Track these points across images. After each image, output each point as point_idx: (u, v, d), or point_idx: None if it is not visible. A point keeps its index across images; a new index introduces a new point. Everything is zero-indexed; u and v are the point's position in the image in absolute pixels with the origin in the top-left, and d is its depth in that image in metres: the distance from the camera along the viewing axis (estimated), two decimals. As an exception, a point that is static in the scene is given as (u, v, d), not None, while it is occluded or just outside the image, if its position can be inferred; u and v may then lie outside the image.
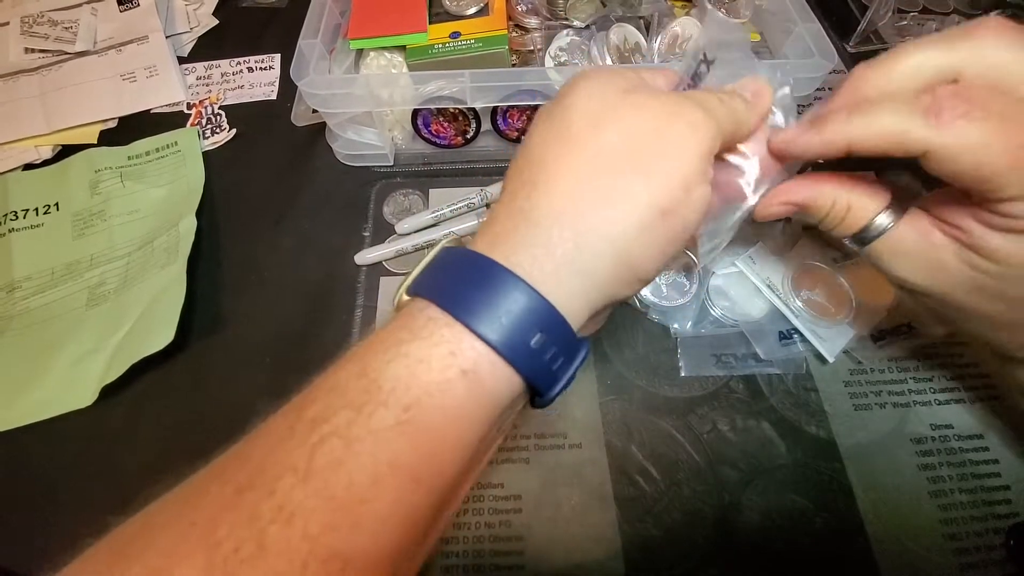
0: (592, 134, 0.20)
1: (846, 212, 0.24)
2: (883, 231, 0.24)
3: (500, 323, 0.18)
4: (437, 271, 0.20)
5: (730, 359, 0.36)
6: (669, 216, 0.19)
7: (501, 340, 0.18)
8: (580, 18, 0.44)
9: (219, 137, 0.47)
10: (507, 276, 0.18)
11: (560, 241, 0.19)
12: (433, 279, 0.20)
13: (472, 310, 0.18)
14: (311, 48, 0.39)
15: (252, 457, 0.18)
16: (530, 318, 0.18)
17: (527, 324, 0.18)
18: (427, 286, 0.19)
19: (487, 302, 0.18)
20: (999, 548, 0.30)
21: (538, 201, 0.19)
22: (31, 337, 0.37)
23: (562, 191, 0.19)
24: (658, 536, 0.30)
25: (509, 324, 0.18)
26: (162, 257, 0.39)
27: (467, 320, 0.18)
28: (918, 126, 0.20)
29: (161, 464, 0.33)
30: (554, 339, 0.19)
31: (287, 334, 0.37)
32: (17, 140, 0.46)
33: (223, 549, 0.15)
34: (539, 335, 0.18)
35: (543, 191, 0.19)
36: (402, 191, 0.43)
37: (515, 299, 0.18)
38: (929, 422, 0.33)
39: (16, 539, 0.31)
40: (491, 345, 0.18)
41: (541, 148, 0.21)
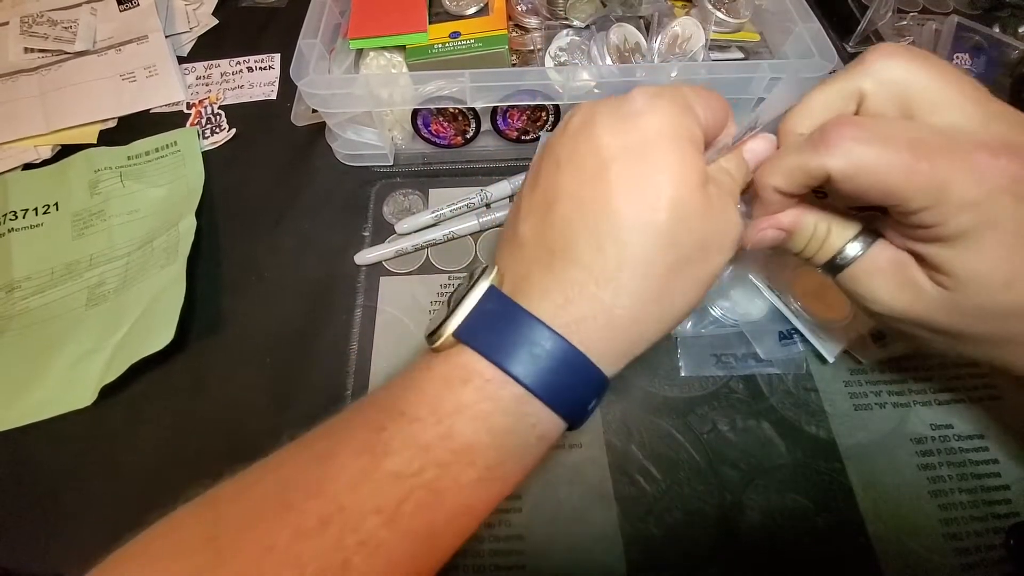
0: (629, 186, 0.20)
1: (825, 237, 0.24)
2: (858, 255, 0.24)
3: (574, 400, 0.20)
4: (495, 326, 0.20)
5: (730, 359, 0.36)
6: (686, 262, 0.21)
7: (573, 414, 0.21)
8: (580, 18, 0.44)
9: (219, 137, 0.47)
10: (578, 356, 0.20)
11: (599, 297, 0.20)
12: (495, 338, 0.20)
13: (548, 386, 0.20)
14: (311, 48, 0.39)
15: (326, 492, 0.19)
16: (591, 390, 0.21)
17: (589, 396, 0.21)
18: (489, 344, 0.20)
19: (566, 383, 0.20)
20: (999, 548, 0.30)
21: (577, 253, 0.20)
22: (31, 337, 0.37)
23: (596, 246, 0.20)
24: (659, 536, 0.30)
25: (575, 397, 0.20)
26: (162, 257, 0.39)
27: (546, 398, 0.20)
28: (811, 156, 0.21)
29: (161, 464, 0.33)
30: (598, 392, 0.21)
31: (287, 334, 0.37)
32: (16, 140, 0.46)
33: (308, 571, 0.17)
34: (594, 401, 0.21)
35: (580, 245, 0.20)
36: (402, 191, 0.43)
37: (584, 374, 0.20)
38: (929, 422, 0.33)
39: (16, 539, 0.31)
40: (566, 419, 0.20)
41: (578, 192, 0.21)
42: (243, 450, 0.34)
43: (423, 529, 0.19)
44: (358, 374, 0.36)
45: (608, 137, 0.21)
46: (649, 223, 0.19)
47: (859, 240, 0.24)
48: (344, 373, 0.36)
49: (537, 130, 0.43)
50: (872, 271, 0.24)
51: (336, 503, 0.18)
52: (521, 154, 0.44)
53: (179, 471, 0.33)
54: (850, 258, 0.24)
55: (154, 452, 0.34)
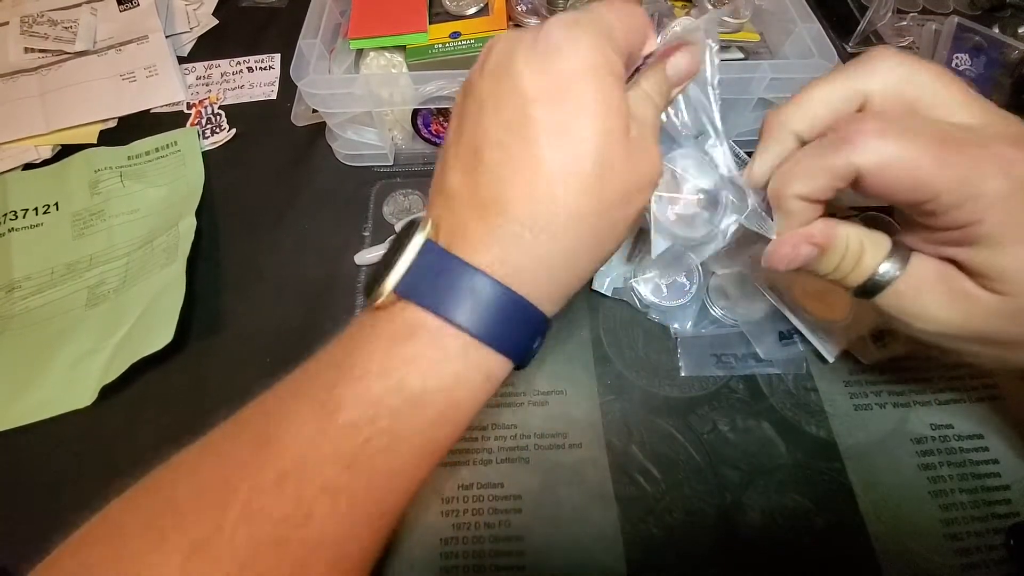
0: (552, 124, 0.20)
1: (859, 255, 0.23)
2: (899, 273, 0.22)
3: (518, 341, 0.21)
4: (436, 280, 0.20)
5: (730, 359, 0.36)
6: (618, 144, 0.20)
7: (517, 354, 0.21)
8: (580, 18, 0.44)
9: (219, 137, 0.47)
10: (513, 296, 0.20)
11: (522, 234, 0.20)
12: (438, 292, 0.20)
13: (494, 334, 0.20)
14: (311, 48, 0.39)
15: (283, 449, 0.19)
16: (534, 330, 0.21)
17: (533, 336, 0.21)
18: (432, 298, 0.20)
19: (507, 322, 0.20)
20: (999, 548, 0.30)
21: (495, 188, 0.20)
22: (31, 337, 0.37)
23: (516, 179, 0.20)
24: (659, 536, 0.30)
25: (521, 336, 0.21)
26: (162, 257, 0.39)
27: (493, 344, 0.20)
28: (835, 155, 0.21)
29: (161, 464, 0.33)
30: (543, 334, 0.22)
31: (287, 334, 0.37)
32: (16, 140, 0.46)
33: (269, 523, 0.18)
34: (539, 339, 0.22)
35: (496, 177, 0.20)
36: (402, 191, 0.43)
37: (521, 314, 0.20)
38: (929, 422, 0.33)
39: (16, 539, 0.31)
40: (509, 358, 0.21)
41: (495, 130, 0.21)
42: (243, 450, 0.34)
43: (383, 471, 0.19)
44: (358, 374, 0.35)
45: (528, 77, 0.20)
46: (575, 173, 0.19)
47: (895, 257, 0.22)
48: (344, 373, 0.36)
49: (537, 130, 0.43)
50: (919, 287, 0.22)
51: (293, 458, 0.19)
52: (521, 154, 0.44)
53: (179, 471, 0.33)
54: (890, 276, 0.22)
55: (154, 452, 0.33)
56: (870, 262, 0.23)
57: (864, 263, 0.23)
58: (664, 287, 0.37)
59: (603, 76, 0.20)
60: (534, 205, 0.20)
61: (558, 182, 0.19)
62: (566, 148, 0.19)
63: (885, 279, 0.22)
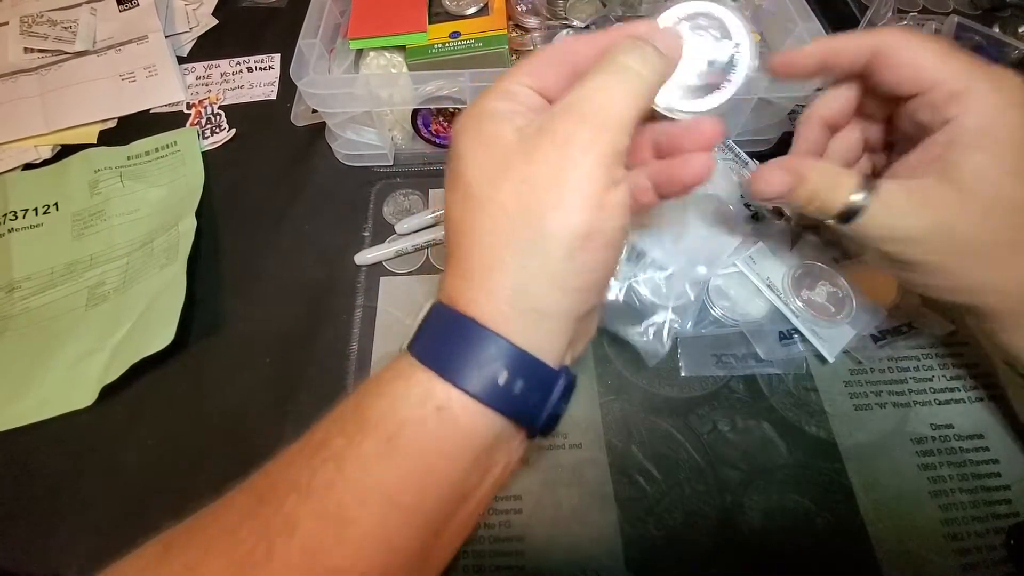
0: (492, 193, 0.20)
1: (835, 186, 0.26)
2: (872, 192, 0.25)
3: (466, 365, 0.20)
4: (422, 326, 0.22)
5: (730, 359, 0.36)
6: (591, 237, 0.20)
7: (468, 381, 0.19)
8: (580, 18, 0.44)
9: (219, 137, 0.47)
10: (468, 324, 0.20)
11: (500, 289, 0.20)
12: (418, 332, 0.22)
13: (439, 356, 0.20)
14: (311, 48, 0.39)
15: (271, 472, 0.20)
16: (493, 358, 0.20)
17: (491, 363, 0.20)
18: (413, 339, 0.22)
19: (454, 348, 0.20)
20: (1000, 548, 0.30)
21: (466, 260, 0.21)
22: (31, 337, 0.37)
23: (481, 251, 0.20)
24: (659, 536, 0.30)
25: (475, 365, 0.20)
26: (162, 257, 0.39)
27: (435, 366, 0.20)
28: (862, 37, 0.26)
29: (161, 464, 0.33)
30: (522, 373, 0.20)
31: (287, 334, 0.37)
32: (16, 140, 0.46)
33: (239, 552, 0.18)
34: (505, 373, 0.20)
35: (467, 251, 0.21)
36: (402, 191, 0.43)
37: (478, 343, 0.20)
38: (929, 422, 0.33)
39: (16, 539, 0.31)
40: (458, 386, 0.19)
41: (452, 209, 0.22)
42: (243, 450, 0.34)
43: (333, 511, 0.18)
44: (358, 374, 0.36)
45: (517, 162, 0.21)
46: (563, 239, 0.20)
47: (866, 184, 0.25)
48: (344, 373, 0.36)
49: (537, 130, 0.43)
50: (889, 204, 0.25)
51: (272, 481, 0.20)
52: (521, 154, 0.44)
53: (179, 471, 0.33)
54: (863, 200, 0.25)
55: (154, 452, 0.34)
56: (844, 191, 0.26)
57: (838, 193, 0.26)
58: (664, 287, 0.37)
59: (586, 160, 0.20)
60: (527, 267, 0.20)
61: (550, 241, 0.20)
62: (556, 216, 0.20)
63: (859, 203, 0.25)
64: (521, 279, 0.20)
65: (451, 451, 0.20)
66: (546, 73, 0.23)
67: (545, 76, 0.23)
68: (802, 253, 0.37)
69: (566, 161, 0.20)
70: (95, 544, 0.31)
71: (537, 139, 0.20)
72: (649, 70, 0.22)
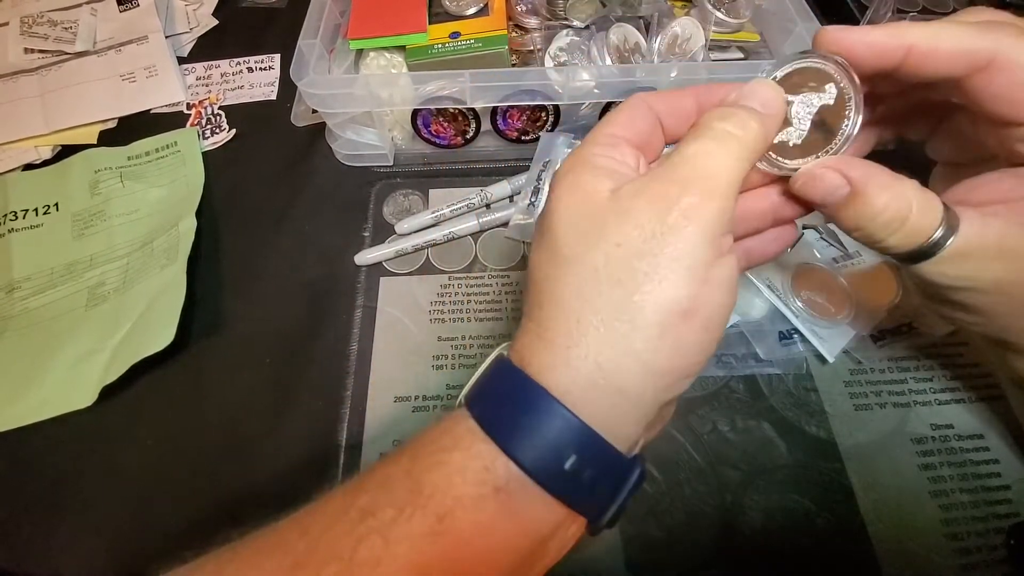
0: (582, 252, 0.18)
1: (906, 215, 0.20)
2: (955, 232, 0.20)
3: (532, 443, 0.18)
4: (484, 381, 0.20)
5: (730, 359, 0.36)
6: (690, 315, 0.18)
7: (532, 461, 0.17)
8: (580, 18, 0.44)
9: (219, 137, 0.47)
10: (541, 395, 0.18)
11: (580, 361, 0.18)
12: (479, 389, 0.20)
13: (505, 428, 0.18)
14: (311, 48, 0.39)
15: (310, 531, 0.18)
16: (563, 439, 0.18)
17: (559, 445, 0.18)
18: (473, 395, 0.20)
19: (520, 421, 0.18)
20: (1000, 548, 0.30)
21: (548, 322, 0.19)
22: (31, 337, 0.37)
23: (566, 316, 0.18)
24: (659, 536, 0.30)
25: (542, 445, 0.18)
26: (162, 257, 0.39)
27: (499, 438, 0.18)
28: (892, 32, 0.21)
29: (161, 464, 0.33)
30: (592, 461, 0.18)
31: (287, 334, 0.37)
32: (17, 140, 0.46)
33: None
34: (574, 457, 0.18)
35: (549, 313, 0.19)
36: (402, 191, 0.43)
37: (548, 420, 0.18)
38: (929, 422, 0.33)
39: (16, 539, 0.31)
40: (521, 466, 0.18)
41: (538, 267, 0.20)
42: (243, 450, 0.34)
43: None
44: (358, 374, 0.36)
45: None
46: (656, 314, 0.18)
47: (948, 218, 0.20)
48: (344, 373, 0.36)
49: (537, 130, 0.43)
50: (971, 248, 0.20)
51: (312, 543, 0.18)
52: (521, 154, 0.44)
53: (179, 471, 0.33)
54: (943, 241, 0.20)
55: (154, 452, 0.34)
56: (921, 224, 0.20)
57: (912, 225, 0.20)
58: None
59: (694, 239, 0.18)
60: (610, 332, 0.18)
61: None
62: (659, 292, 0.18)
63: (938, 245, 0.20)
64: (606, 353, 0.18)
65: (504, 540, 0.18)
66: (640, 127, 0.21)
67: (640, 129, 0.21)
68: (802, 253, 0.37)
69: (665, 227, 0.18)
70: (95, 544, 0.31)
71: (633, 200, 0.18)
72: (750, 134, 0.19)
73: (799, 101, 0.21)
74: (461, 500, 0.17)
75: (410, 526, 0.17)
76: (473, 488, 0.17)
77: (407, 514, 0.17)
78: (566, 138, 0.42)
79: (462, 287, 0.39)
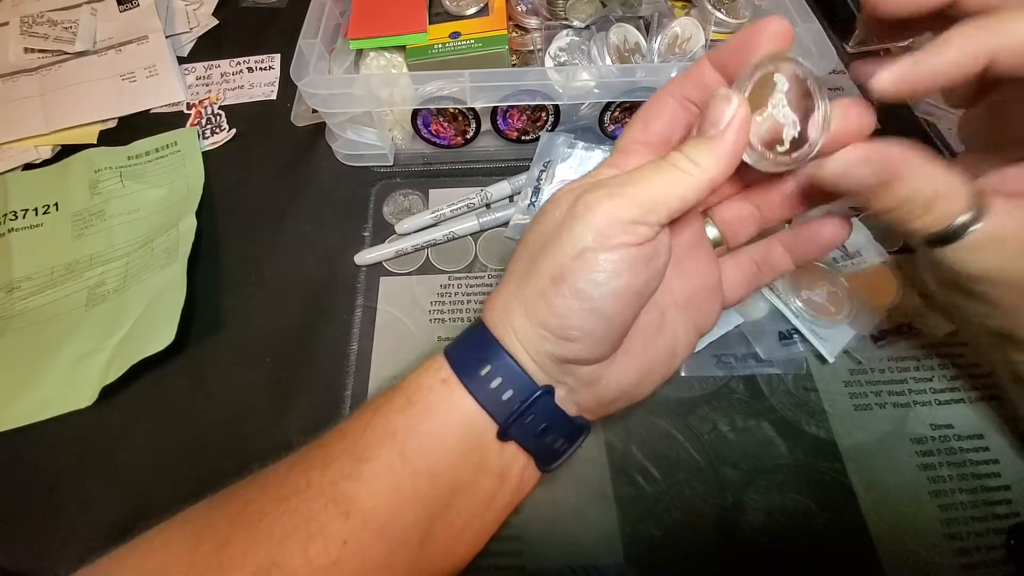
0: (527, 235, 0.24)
1: (934, 197, 0.20)
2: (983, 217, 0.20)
3: (465, 351, 0.23)
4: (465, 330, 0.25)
5: (730, 359, 0.36)
6: (560, 280, 0.21)
7: (457, 362, 0.23)
8: (580, 18, 0.44)
9: (219, 137, 0.47)
10: (480, 324, 0.24)
11: (497, 299, 0.23)
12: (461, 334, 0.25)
13: (455, 346, 0.24)
14: (311, 48, 0.39)
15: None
16: (483, 350, 0.23)
17: (479, 354, 0.23)
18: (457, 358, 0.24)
19: (464, 341, 0.24)
20: (999, 548, 0.30)
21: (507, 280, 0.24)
22: (31, 337, 0.37)
23: (506, 277, 0.24)
24: (659, 536, 0.30)
25: (469, 353, 0.23)
26: (162, 257, 0.39)
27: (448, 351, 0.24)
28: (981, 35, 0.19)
29: (161, 464, 0.33)
30: (500, 369, 0.22)
31: (287, 334, 0.37)
32: (17, 140, 0.46)
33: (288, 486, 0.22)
34: (488, 366, 0.22)
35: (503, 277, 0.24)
36: (402, 191, 0.43)
37: (478, 336, 0.23)
38: (929, 422, 0.33)
39: (16, 539, 0.31)
40: (452, 366, 0.23)
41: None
42: (243, 450, 0.34)
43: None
44: (358, 374, 0.36)
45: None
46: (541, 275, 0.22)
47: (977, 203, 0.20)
48: (344, 373, 0.36)
49: (537, 130, 0.43)
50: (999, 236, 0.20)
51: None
52: (521, 154, 0.44)
53: (179, 471, 0.33)
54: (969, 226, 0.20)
55: (154, 452, 0.34)
56: (947, 208, 0.20)
57: (938, 208, 0.20)
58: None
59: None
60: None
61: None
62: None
63: (964, 228, 0.20)
64: (507, 298, 0.23)
65: (446, 420, 0.22)
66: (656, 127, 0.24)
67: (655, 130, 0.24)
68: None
69: (566, 214, 0.21)
70: (95, 544, 0.30)
71: (566, 194, 0.22)
72: (696, 171, 0.20)
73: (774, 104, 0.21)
74: (421, 387, 0.23)
75: (390, 405, 0.23)
76: (428, 379, 0.23)
77: (389, 397, 0.23)
78: (566, 138, 0.42)
79: (462, 287, 0.39)
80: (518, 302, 0.22)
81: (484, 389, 0.22)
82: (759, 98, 0.21)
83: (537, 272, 0.22)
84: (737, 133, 0.20)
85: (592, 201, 0.21)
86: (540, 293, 0.21)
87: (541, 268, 0.21)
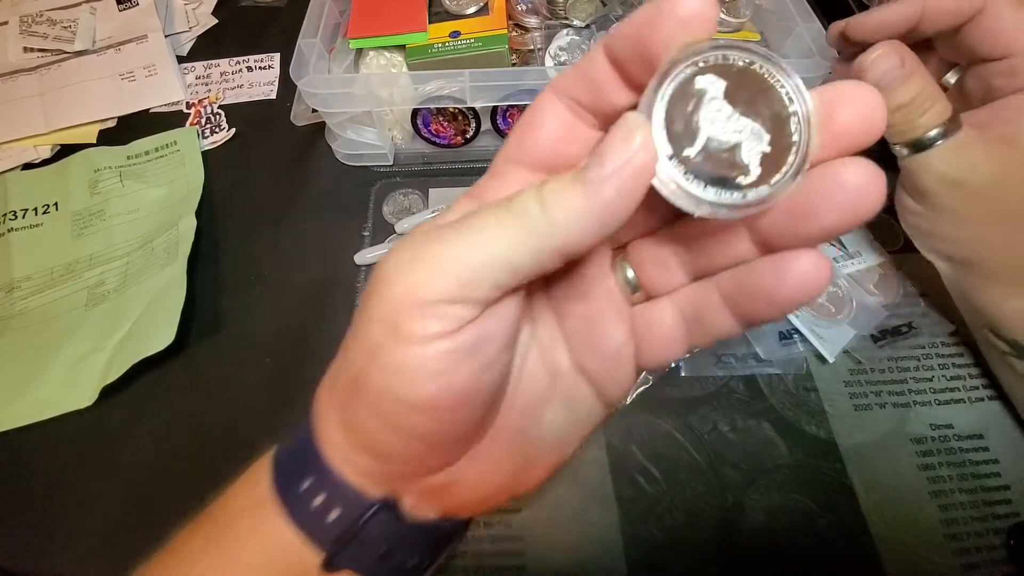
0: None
1: (925, 108, 0.26)
2: (951, 134, 0.26)
3: (286, 450, 0.19)
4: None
5: (730, 359, 0.36)
6: (357, 388, 0.16)
7: (277, 469, 0.18)
8: (580, 17, 0.43)
9: (218, 137, 0.47)
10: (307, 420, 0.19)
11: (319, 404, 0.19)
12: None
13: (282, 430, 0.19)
14: (311, 47, 0.39)
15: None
16: (300, 456, 0.18)
17: (297, 461, 0.18)
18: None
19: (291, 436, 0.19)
20: (999, 548, 0.30)
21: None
22: (31, 337, 0.37)
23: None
24: (659, 536, 0.30)
25: (289, 453, 0.19)
26: (162, 257, 0.39)
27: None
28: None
29: (161, 464, 0.33)
30: (330, 489, 0.17)
31: (287, 334, 0.37)
32: (16, 140, 0.46)
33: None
34: (310, 480, 0.17)
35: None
36: (402, 191, 0.43)
37: (296, 433, 0.19)
38: (929, 422, 0.33)
39: (16, 539, 0.31)
40: (273, 470, 0.18)
41: None
42: (243, 450, 0.34)
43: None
44: (358, 374, 0.35)
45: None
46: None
47: (950, 124, 0.26)
48: (344, 373, 0.36)
49: (537, 130, 0.43)
50: (962, 147, 0.26)
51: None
52: (521, 154, 0.44)
53: (179, 471, 0.33)
54: (938, 139, 0.26)
55: (154, 452, 0.34)
56: (940, 110, 0.26)
57: (934, 109, 0.26)
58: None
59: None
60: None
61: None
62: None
63: (940, 134, 0.26)
64: (326, 392, 0.18)
65: (255, 559, 0.18)
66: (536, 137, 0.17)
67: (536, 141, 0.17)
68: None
69: (370, 296, 0.16)
70: (95, 544, 0.31)
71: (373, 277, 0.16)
72: (545, 229, 0.14)
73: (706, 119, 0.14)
74: (233, 511, 0.19)
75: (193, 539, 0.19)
76: (242, 500, 0.19)
77: (200, 523, 0.19)
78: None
79: (462, 287, 0.39)
80: (330, 400, 0.18)
81: (305, 510, 0.17)
82: (688, 114, 0.14)
83: (346, 365, 0.17)
84: (624, 184, 0.13)
85: (391, 270, 0.15)
86: (345, 396, 0.17)
87: (348, 361, 0.17)
